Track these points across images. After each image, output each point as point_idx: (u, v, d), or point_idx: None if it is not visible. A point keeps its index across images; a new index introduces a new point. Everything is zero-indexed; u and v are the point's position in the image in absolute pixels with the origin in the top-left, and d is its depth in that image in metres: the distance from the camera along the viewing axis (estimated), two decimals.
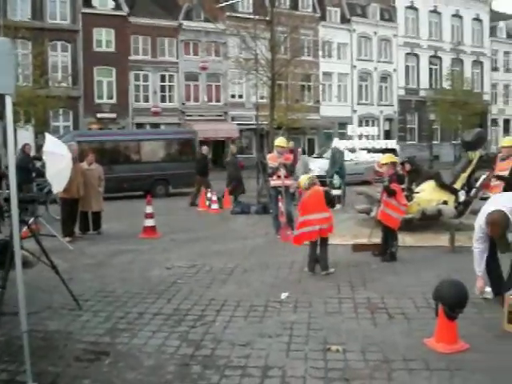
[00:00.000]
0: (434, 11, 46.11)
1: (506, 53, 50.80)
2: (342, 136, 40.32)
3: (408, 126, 45.40)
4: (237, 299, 6.21)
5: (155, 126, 34.62)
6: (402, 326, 5.23)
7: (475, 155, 9.91)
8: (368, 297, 6.20)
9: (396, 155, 9.35)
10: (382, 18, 43.74)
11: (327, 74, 41.49)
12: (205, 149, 18.31)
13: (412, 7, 45.04)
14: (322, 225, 7.39)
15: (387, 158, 8.45)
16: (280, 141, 10.76)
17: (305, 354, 4.53)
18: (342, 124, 42.97)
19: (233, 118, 38.29)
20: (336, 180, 15.44)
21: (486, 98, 47.58)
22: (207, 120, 36.58)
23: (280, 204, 10.78)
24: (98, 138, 20.66)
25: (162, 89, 36.61)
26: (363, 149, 11.53)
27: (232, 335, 5.04)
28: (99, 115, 33.61)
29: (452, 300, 4.57)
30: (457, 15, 47.41)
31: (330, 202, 7.73)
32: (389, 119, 44.56)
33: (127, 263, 8.46)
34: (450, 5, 46.48)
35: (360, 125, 43.45)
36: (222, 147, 37.19)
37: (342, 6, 42.40)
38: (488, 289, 5.82)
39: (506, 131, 48.67)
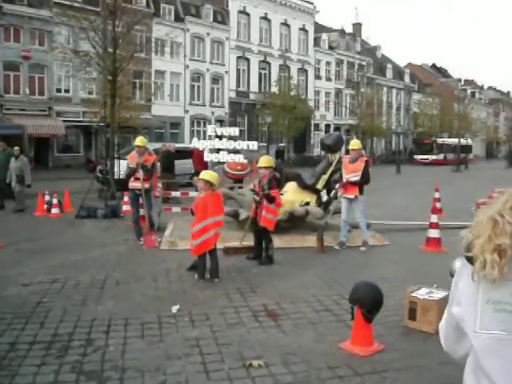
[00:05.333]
0: (265, 18, 47.99)
1: (328, 63, 55.20)
2: (175, 137, 40.17)
3: (238, 127, 46.56)
4: (123, 316, 5.55)
5: None
6: (310, 331, 5.11)
7: (335, 157, 10.32)
8: (263, 303, 6.00)
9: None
10: (216, 20, 44.23)
11: (159, 73, 40.72)
12: (171, 145, 18.43)
13: (244, 12, 46.29)
14: (217, 229, 7.03)
15: (266, 161, 8.18)
16: (140, 140, 10.08)
17: (227, 374, 4.16)
18: (174, 124, 42.68)
19: (58, 114, 35.51)
20: None
21: (310, 103, 51.00)
22: (29, 115, 33.36)
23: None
24: None
25: None
26: (223, 149, 11.33)
27: (135, 360, 4.44)
28: None
29: (369, 302, 4.57)
30: (285, 24, 49.99)
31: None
32: (220, 120, 45.26)
33: None
34: (278, 13, 48.83)
35: (192, 126, 43.58)
36: (47, 145, 34.34)
37: (176, 5, 41.96)
38: None
39: None
